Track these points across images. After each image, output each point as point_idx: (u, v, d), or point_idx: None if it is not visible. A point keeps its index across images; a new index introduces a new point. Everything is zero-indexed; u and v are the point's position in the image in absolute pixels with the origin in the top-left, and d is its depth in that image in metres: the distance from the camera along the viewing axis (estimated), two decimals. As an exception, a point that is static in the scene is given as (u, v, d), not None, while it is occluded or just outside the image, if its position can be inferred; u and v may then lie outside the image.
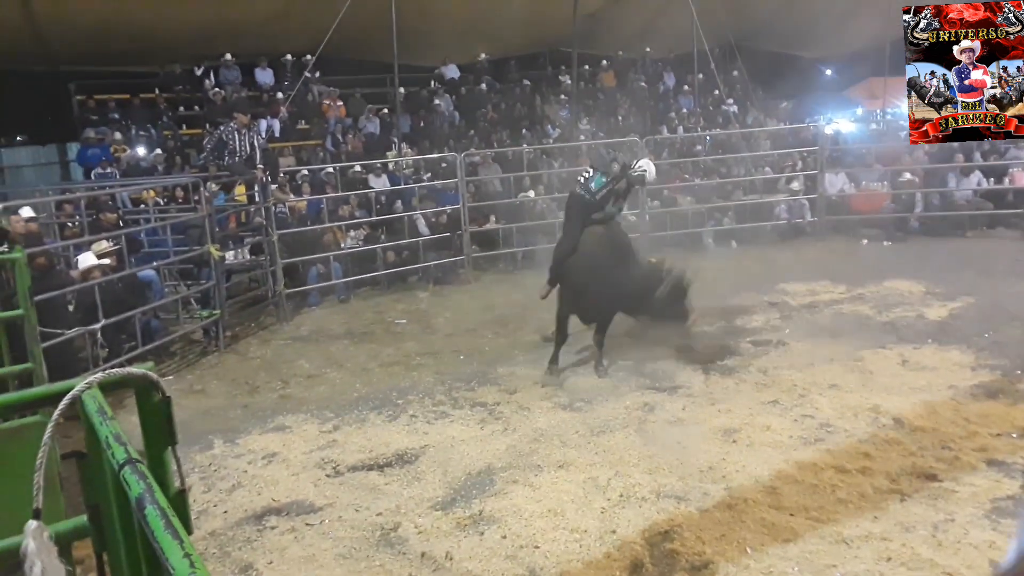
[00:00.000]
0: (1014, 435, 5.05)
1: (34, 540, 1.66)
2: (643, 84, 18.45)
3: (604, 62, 18.90)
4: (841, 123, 16.78)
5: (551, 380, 6.76)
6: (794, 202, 12.60)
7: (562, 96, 17.48)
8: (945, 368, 6.43)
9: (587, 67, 18.40)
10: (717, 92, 17.35)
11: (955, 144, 11.89)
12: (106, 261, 7.37)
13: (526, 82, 18.24)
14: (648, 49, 19.56)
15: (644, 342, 7.57)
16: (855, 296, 8.86)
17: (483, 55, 18.21)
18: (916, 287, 8.98)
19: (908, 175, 12.29)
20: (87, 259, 7.17)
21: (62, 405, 1.67)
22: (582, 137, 15.47)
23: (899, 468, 4.70)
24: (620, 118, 17.24)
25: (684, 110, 17.83)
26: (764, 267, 10.57)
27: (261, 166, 9.65)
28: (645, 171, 7.05)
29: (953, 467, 4.67)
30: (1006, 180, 12.24)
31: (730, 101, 17.40)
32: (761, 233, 12.53)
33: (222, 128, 9.67)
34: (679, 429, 5.59)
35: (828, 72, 22.94)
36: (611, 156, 7.25)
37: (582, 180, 6.96)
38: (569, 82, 17.01)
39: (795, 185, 12.69)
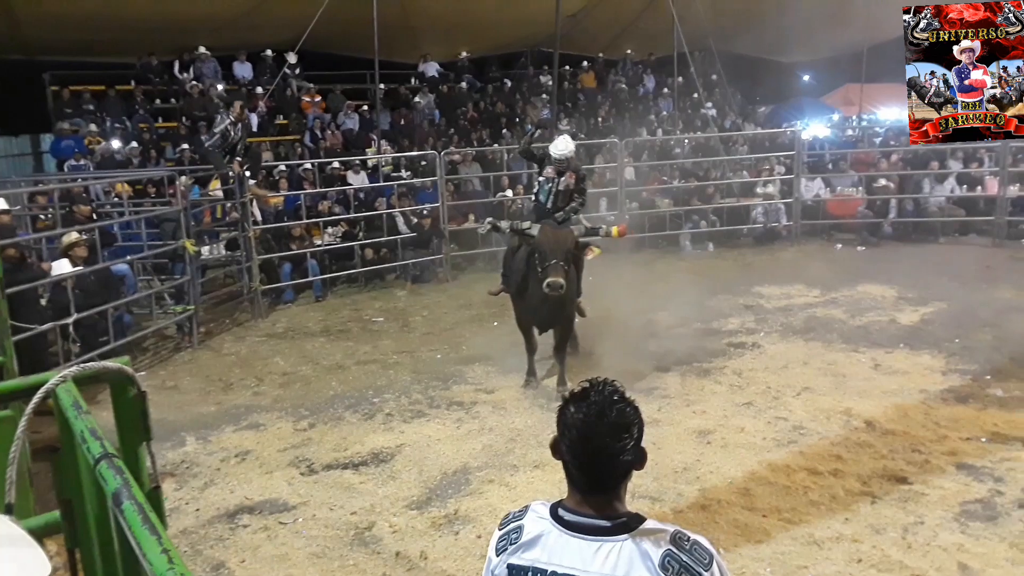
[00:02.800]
0: (983, 439, 5.13)
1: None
2: (623, 86, 18.51)
3: (585, 63, 18.94)
4: (817, 128, 16.95)
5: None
6: (770, 206, 12.72)
7: (543, 96, 17.49)
8: (916, 372, 6.53)
9: (568, 67, 18.43)
10: (696, 95, 17.45)
11: (931, 151, 12.08)
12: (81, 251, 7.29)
13: (507, 81, 18.24)
14: (629, 51, 19.63)
15: (620, 343, 7.61)
16: (829, 300, 8.96)
17: (464, 53, 18.18)
18: (888, 292, 9.10)
19: (884, 181, 12.45)
20: (61, 266, 7.07)
21: (36, 398, 1.64)
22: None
23: (870, 470, 4.76)
24: (600, 119, 17.29)
25: (663, 112, 17.92)
26: (740, 270, 10.66)
27: (239, 159, 9.51)
28: (546, 146, 6.74)
29: (923, 470, 4.74)
30: (979, 188, 12.44)
31: (709, 105, 17.51)
32: (737, 236, 12.64)
33: (223, 117, 9.55)
34: (654, 430, 5.60)
35: (805, 78, 23.17)
36: (539, 150, 6.96)
37: (536, 186, 6.89)
38: (550, 82, 17.02)
39: (771, 189, 12.81)
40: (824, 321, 8.12)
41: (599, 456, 1.61)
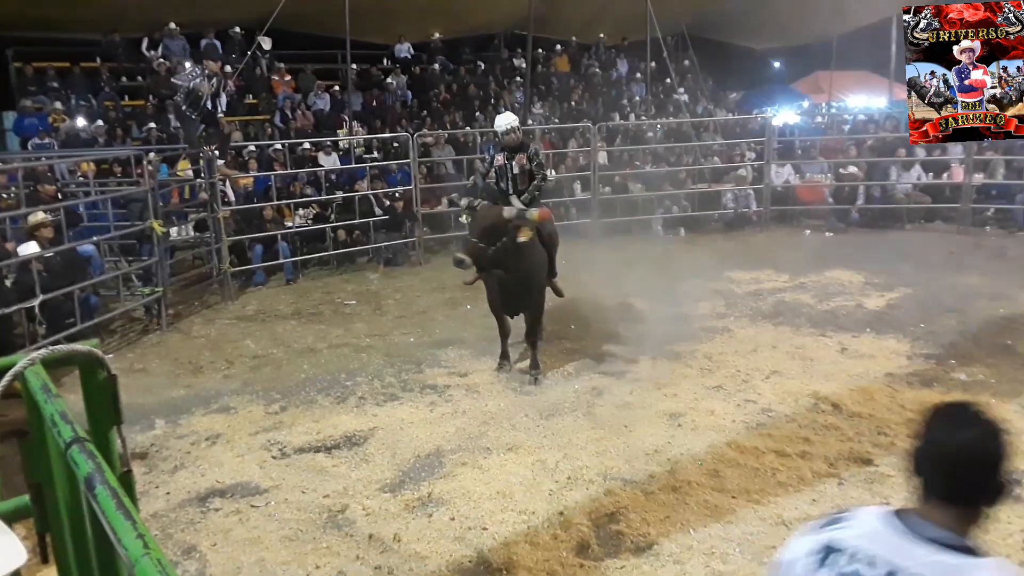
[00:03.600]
0: (946, 422, 5.23)
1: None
2: (597, 70, 18.50)
3: (558, 47, 18.89)
4: (787, 115, 17.10)
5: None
6: (740, 192, 12.82)
7: (516, 79, 17.43)
8: (882, 356, 6.64)
9: (541, 51, 18.36)
10: (669, 81, 17.49)
11: (898, 138, 12.24)
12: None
13: (480, 64, 18.13)
14: (602, 35, 19.62)
15: (592, 327, 7.65)
16: (797, 285, 9.07)
17: (437, 35, 18.04)
18: (856, 277, 9.24)
19: (852, 168, 12.60)
20: (29, 247, 6.93)
21: (5, 381, 1.62)
22: (530, 122, 15.46)
23: (837, 453, 4.85)
24: (573, 103, 17.27)
25: (636, 98, 17.95)
26: (711, 255, 10.73)
27: (208, 141, 9.34)
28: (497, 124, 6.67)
29: (889, 452, 4.83)
30: (944, 175, 12.64)
31: (681, 90, 17.56)
32: (708, 221, 12.73)
33: (196, 71, 9.21)
34: (626, 412, 5.67)
35: (776, 65, 23.34)
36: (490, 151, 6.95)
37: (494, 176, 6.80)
38: (524, 65, 16.96)
39: (742, 172, 12.90)
40: (793, 306, 8.22)
41: (971, 465, 1.54)
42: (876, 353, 6.73)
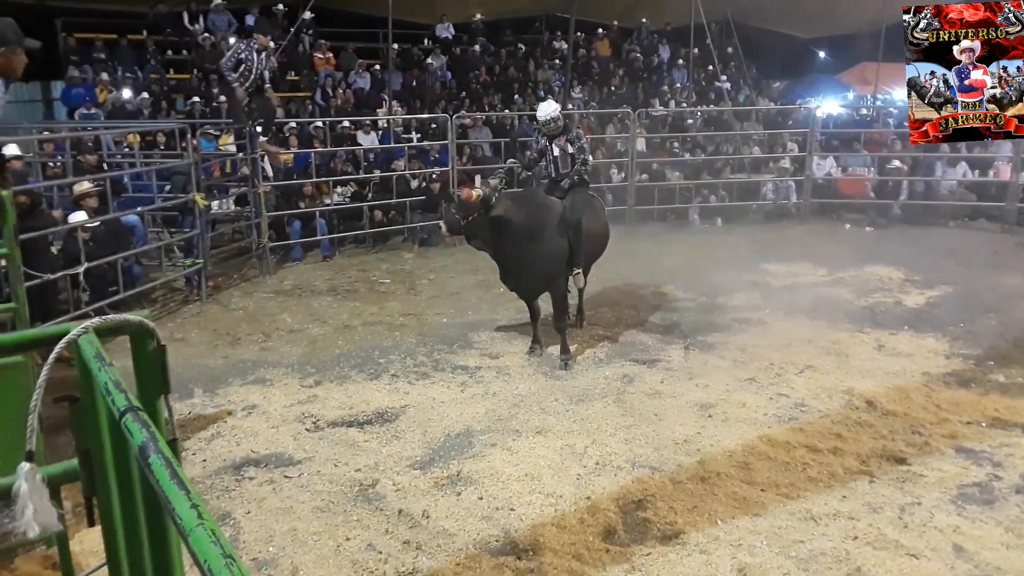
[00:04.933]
0: (984, 424, 5.17)
1: (27, 482, 1.67)
2: (638, 55, 18.32)
3: (600, 30, 18.74)
4: (831, 106, 16.79)
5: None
6: (781, 183, 12.65)
7: (556, 62, 17.33)
8: (920, 355, 6.55)
9: (582, 34, 18.22)
10: (711, 68, 17.27)
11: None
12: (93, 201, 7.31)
13: (520, 46, 18.05)
14: (645, 20, 19.40)
15: (625, 314, 7.65)
16: (835, 279, 8.96)
17: (479, 16, 17.98)
18: (895, 273, 9.10)
19: (897, 162, 12.36)
20: (78, 217, 7.10)
21: (59, 348, 1.67)
22: (570, 106, 15.39)
23: (869, 450, 4.81)
24: (613, 88, 17.14)
25: (677, 84, 17.76)
26: (748, 246, 10.63)
27: (252, 117, 9.37)
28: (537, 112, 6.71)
29: (922, 452, 4.78)
30: (991, 173, 12.36)
31: (723, 78, 17.33)
32: (746, 212, 12.59)
33: (243, 45, 9.25)
34: (657, 401, 5.66)
35: (822, 54, 22.89)
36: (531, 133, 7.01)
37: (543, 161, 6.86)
38: (565, 47, 16.86)
39: (784, 164, 12.73)
40: (830, 300, 8.12)
41: None
42: (914, 351, 6.64)
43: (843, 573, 3.63)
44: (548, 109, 6.63)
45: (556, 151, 6.66)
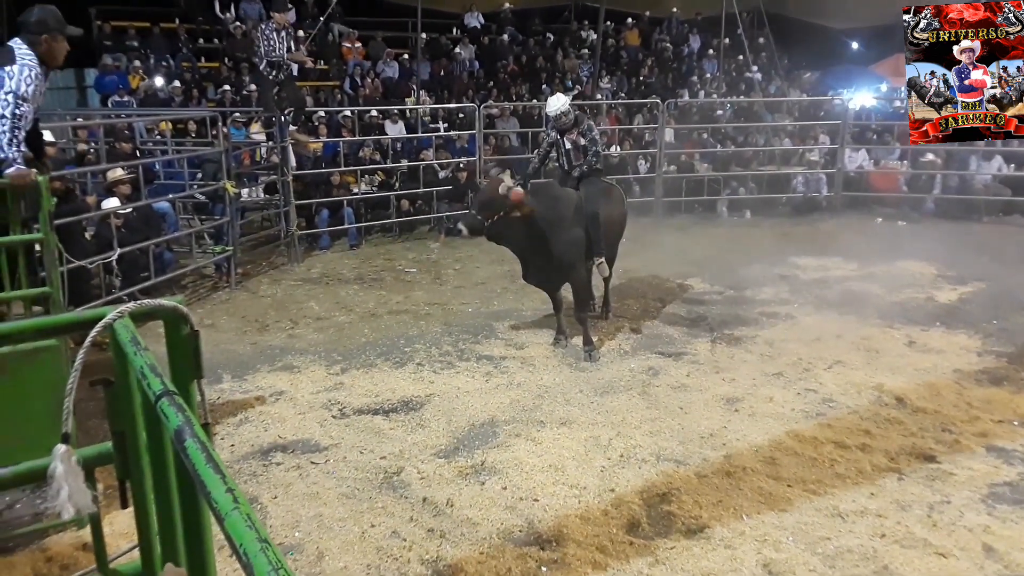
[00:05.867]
0: (1015, 422, 5.09)
1: (62, 463, 1.70)
2: (667, 45, 18.17)
3: (629, 20, 18.60)
4: (864, 98, 16.53)
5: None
6: (811, 175, 12.50)
7: (584, 51, 17.23)
8: (951, 351, 6.45)
9: (611, 24, 18.10)
10: (742, 58, 17.07)
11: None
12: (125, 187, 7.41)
13: (549, 35, 17.96)
14: (675, 10, 19.22)
15: (652, 306, 7.61)
16: (866, 274, 8.84)
17: (507, 4, 17.92)
18: (927, 269, 8.96)
19: (930, 156, 12.15)
20: (111, 203, 7.20)
21: (95, 332, 1.69)
22: (599, 96, 15.31)
23: (899, 447, 4.75)
24: (642, 79, 17.02)
25: (707, 74, 17.58)
26: (776, 239, 10.54)
27: (284, 102, 9.38)
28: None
29: (953, 450, 4.72)
30: (1027, 167, 12.12)
31: (755, 68, 17.13)
32: (776, 205, 12.46)
33: (261, 27, 9.26)
34: (682, 395, 5.64)
35: (855, 45, 22.51)
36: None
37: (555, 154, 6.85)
38: (594, 37, 16.76)
39: (815, 156, 12.57)
40: (860, 295, 8.03)
41: None
42: (945, 348, 6.54)
43: (870, 571, 3.59)
44: (557, 104, 6.60)
45: (568, 144, 6.66)
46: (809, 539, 3.83)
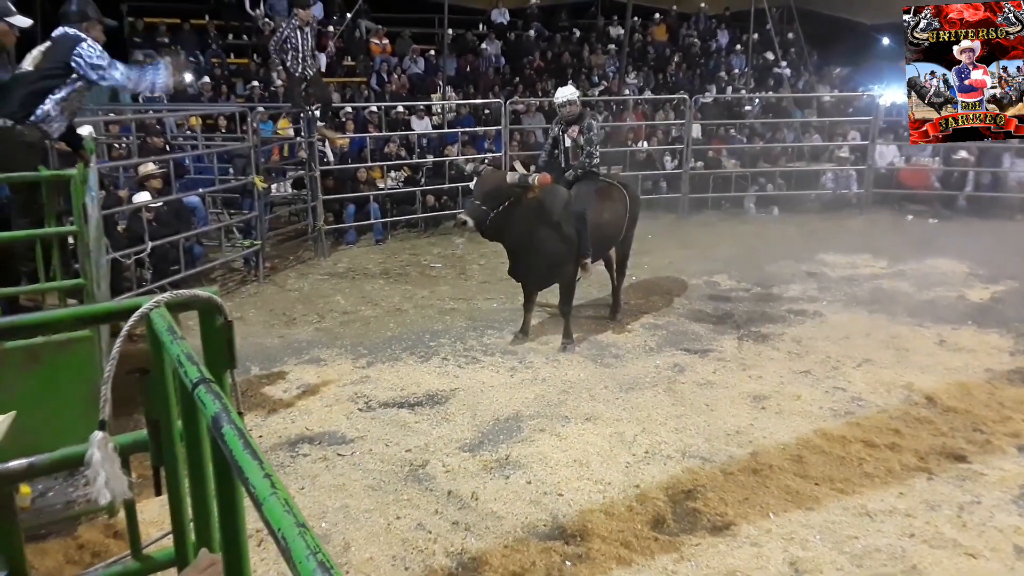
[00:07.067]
0: (1048, 423, 5.01)
1: (99, 450, 1.73)
2: (695, 40, 18.04)
3: (657, 15, 18.48)
4: (895, 94, 16.30)
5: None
6: (841, 172, 12.36)
7: (611, 47, 17.15)
8: (983, 351, 6.36)
9: (638, 19, 18.00)
10: (770, 54, 16.90)
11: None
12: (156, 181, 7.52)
13: (575, 31, 17.91)
14: (703, 4, 19.08)
15: (678, 303, 7.58)
16: (896, 272, 8.74)
17: (534, 0, 17.89)
18: (959, 267, 8.83)
19: (963, 153, 11.96)
20: (143, 197, 7.31)
21: (132, 320, 1.73)
22: (626, 92, 15.24)
23: (928, 447, 4.69)
24: (669, 74, 16.92)
25: (735, 70, 17.44)
26: (805, 236, 10.44)
27: (312, 99, 9.43)
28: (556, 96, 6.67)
29: (984, 450, 4.65)
30: (1063, 165, 11.89)
31: (784, 64, 16.97)
32: (804, 201, 12.33)
33: (284, 25, 9.32)
34: (708, 391, 5.61)
35: (885, 40, 22.20)
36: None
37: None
38: (622, 32, 16.68)
39: (843, 153, 12.42)
40: (890, 293, 7.93)
41: None
42: (976, 347, 6.44)
43: (898, 570, 3.56)
44: (565, 92, 6.62)
45: (568, 141, 6.64)
46: (837, 538, 3.80)
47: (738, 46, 18.00)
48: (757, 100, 15.06)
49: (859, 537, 3.80)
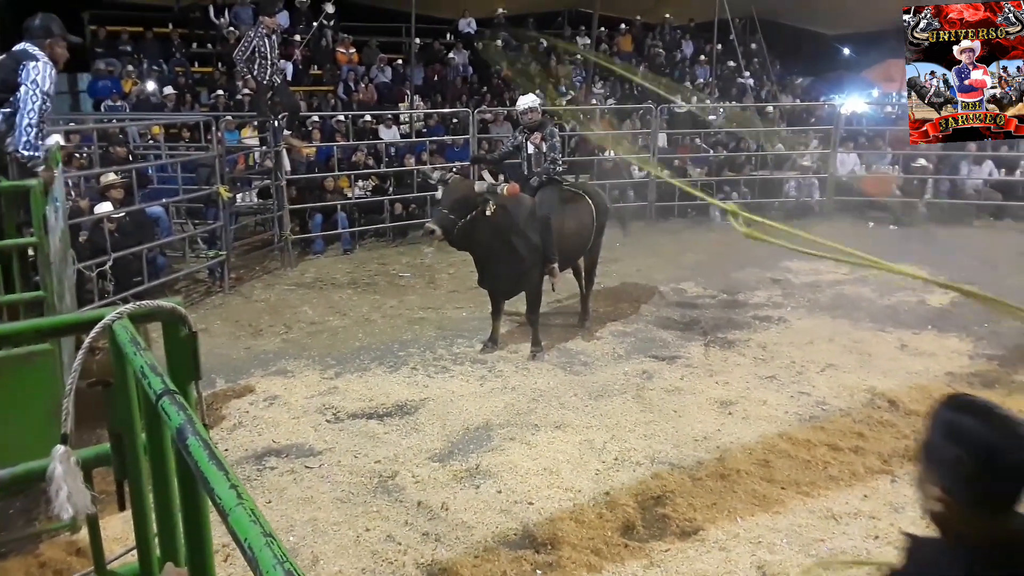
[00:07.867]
0: (1006, 425, 5.11)
1: (61, 464, 1.70)
2: (660, 51, 18.23)
3: (623, 26, 18.65)
4: (855, 103, 16.62)
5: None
6: (803, 180, 12.55)
7: (577, 57, 17.26)
8: (943, 354, 6.50)
9: (605, 30, 18.15)
10: (734, 64, 17.14)
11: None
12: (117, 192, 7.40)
13: (543, 41, 18.00)
14: (668, 16, 19.29)
15: (645, 310, 7.64)
16: (858, 278, 8.87)
17: (501, 10, 17.95)
18: (919, 273, 8.98)
19: (922, 160, 12.22)
20: (105, 207, 7.19)
21: (94, 332, 1.70)
22: (593, 101, 15.36)
23: (891, 449, 4.78)
24: (635, 84, 17.07)
25: (700, 80, 17.65)
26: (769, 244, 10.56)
27: (278, 107, 9.34)
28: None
29: (944, 452, 4.74)
30: (1017, 172, 12.20)
31: (747, 74, 17.20)
32: (768, 209, 12.48)
33: (252, 34, 9.22)
34: (676, 398, 5.66)
35: (846, 51, 22.64)
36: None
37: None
38: (588, 42, 16.81)
39: (806, 162, 12.62)
40: (852, 299, 8.07)
41: None
42: (937, 351, 6.58)
43: (864, 572, 3.61)
44: (526, 100, 6.73)
45: (531, 148, 6.73)
46: (803, 541, 3.85)
47: (702, 56, 18.22)
48: (721, 110, 15.25)
49: (825, 540, 3.86)
